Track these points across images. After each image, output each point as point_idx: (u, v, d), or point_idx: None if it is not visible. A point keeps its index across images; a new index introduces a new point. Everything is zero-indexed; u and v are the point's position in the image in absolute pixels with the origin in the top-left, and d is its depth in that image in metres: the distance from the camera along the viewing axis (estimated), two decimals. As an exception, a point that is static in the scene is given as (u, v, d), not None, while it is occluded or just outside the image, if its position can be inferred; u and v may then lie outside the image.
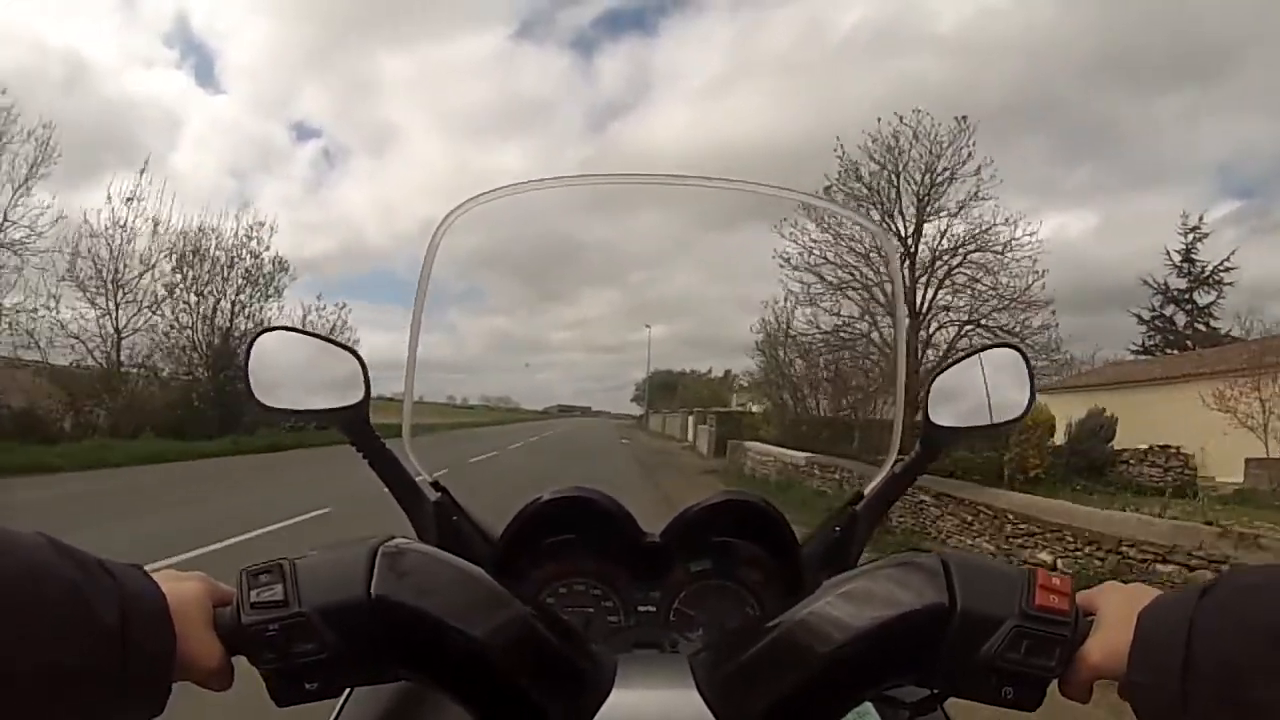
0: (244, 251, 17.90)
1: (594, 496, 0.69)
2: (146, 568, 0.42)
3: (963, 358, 0.72)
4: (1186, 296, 25.20)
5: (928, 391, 0.71)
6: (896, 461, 0.75)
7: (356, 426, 0.67)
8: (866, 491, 0.76)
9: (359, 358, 0.68)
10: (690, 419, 30.17)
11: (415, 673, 0.44)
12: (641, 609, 0.70)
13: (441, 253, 0.71)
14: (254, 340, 0.67)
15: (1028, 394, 0.70)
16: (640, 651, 0.65)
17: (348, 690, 0.67)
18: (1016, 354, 0.71)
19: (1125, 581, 0.44)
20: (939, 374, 0.72)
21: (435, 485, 0.73)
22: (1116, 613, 0.41)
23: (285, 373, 0.68)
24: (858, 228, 12.68)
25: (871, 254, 11.74)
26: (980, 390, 0.71)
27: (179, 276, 16.77)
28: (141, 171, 15.64)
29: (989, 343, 0.82)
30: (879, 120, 12.16)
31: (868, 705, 0.61)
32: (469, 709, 0.45)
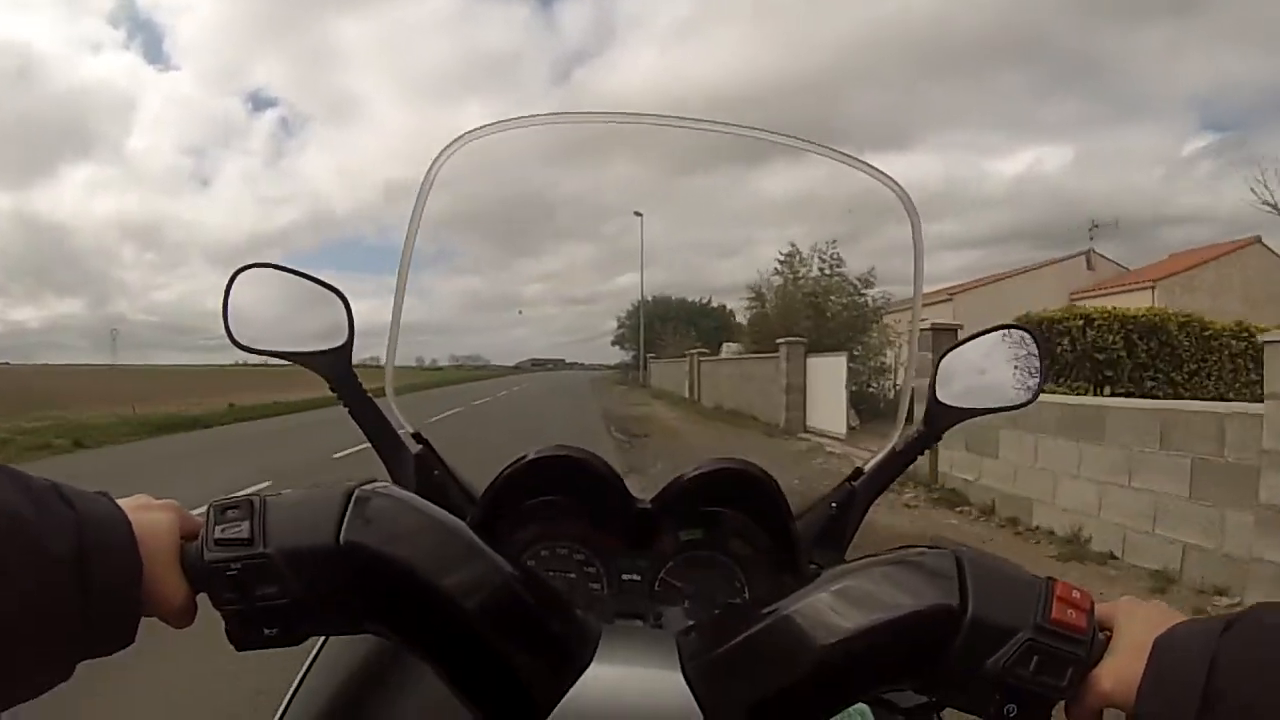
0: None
1: (582, 457, 0.66)
2: None
3: (974, 336, 0.70)
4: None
5: (935, 369, 0.69)
6: (900, 438, 0.72)
7: (339, 371, 0.65)
8: (866, 468, 0.74)
9: (344, 299, 0.65)
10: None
11: (383, 626, 0.42)
12: (626, 578, 0.68)
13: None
14: (234, 277, 0.64)
15: (1038, 378, 0.68)
16: (624, 622, 0.63)
17: (322, 639, 0.66)
18: (1028, 336, 0.69)
19: None
20: (948, 352, 0.70)
21: (417, 437, 0.70)
22: (1133, 636, 0.38)
23: (266, 313, 0.65)
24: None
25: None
26: (989, 371, 0.69)
27: None
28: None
29: (1001, 323, 0.79)
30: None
31: (862, 704, 0.59)
32: (437, 668, 0.42)
